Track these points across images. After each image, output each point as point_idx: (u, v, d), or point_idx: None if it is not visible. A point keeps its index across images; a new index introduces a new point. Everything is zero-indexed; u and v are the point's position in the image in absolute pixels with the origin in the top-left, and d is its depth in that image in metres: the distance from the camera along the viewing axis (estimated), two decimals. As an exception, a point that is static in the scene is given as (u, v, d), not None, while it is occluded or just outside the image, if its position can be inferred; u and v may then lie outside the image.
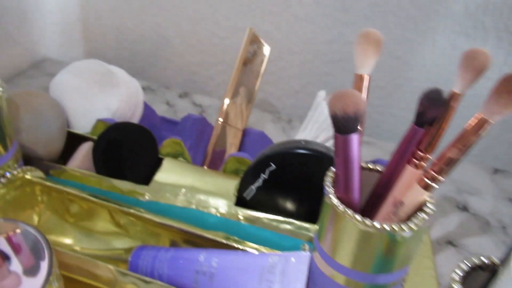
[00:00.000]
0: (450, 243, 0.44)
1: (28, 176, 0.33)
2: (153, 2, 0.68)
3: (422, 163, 0.24)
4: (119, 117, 0.43)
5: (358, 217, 0.22)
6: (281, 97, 0.70)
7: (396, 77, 0.65)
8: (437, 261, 0.40)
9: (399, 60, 0.63)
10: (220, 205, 0.34)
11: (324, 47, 0.65)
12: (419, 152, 0.24)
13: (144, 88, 0.65)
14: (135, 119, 0.45)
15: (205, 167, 0.42)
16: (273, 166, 0.33)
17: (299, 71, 0.68)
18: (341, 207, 0.23)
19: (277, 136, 0.57)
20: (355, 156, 0.22)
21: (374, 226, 0.22)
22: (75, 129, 0.43)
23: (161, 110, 0.60)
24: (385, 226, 0.22)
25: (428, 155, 0.24)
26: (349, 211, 0.22)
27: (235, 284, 0.27)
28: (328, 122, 0.38)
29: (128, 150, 0.35)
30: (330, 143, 0.40)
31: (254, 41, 0.45)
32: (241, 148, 0.44)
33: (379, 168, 0.26)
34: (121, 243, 0.33)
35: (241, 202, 0.35)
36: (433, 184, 0.23)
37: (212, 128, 0.47)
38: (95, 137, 0.40)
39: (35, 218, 0.35)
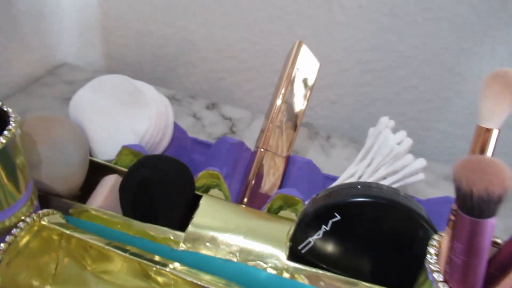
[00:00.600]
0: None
1: (45, 223, 0.27)
2: (178, 4, 0.62)
3: None
4: (147, 142, 0.37)
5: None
6: (315, 107, 0.64)
7: (445, 90, 0.58)
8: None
9: (451, 71, 0.56)
10: (271, 258, 0.29)
11: (365, 55, 0.58)
12: None
13: (168, 98, 0.59)
14: (165, 143, 0.39)
15: (245, 201, 0.36)
16: (338, 217, 0.27)
17: (336, 80, 0.61)
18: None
19: (316, 156, 0.51)
20: (487, 245, 0.16)
21: None
22: (97, 154, 0.37)
23: (187, 123, 0.54)
24: None
25: None
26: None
27: None
28: (393, 156, 0.32)
29: (161, 190, 0.30)
30: (391, 180, 0.34)
31: (302, 55, 0.39)
32: (285, 178, 0.38)
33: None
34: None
35: (294, 253, 0.29)
36: None
37: (249, 153, 0.41)
38: (120, 168, 0.34)
39: (52, 266, 0.29)
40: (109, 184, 0.32)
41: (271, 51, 0.62)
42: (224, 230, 0.30)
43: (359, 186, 0.28)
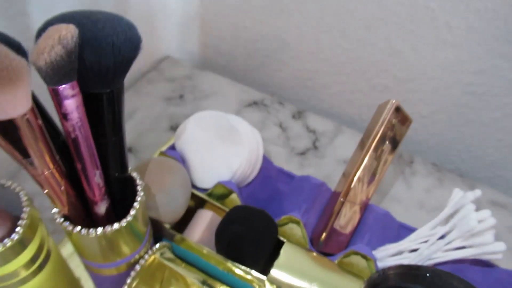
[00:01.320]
0: None
1: (158, 256, 0.35)
2: (275, 4, 0.63)
3: None
4: (239, 176, 0.42)
5: None
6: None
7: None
8: None
9: None
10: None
11: (468, 77, 0.56)
12: None
13: (257, 103, 0.63)
14: (254, 174, 0.44)
15: (323, 236, 0.41)
16: (403, 301, 0.31)
17: (430, 97, 0.60)
18: None
19: (396, 185, 0.53)
20: None
21: None
22: (195, 181, 0.43)
23: (273, 133, 0.58)
24: None
25: None
26: None
27: None
28: (470, 234, 0.33)
29: (249, 241, 0.35)
30: (465, 254, 0.36)
31: (396, 115, 0.40)
32: (359, 225, 0.42)
33: None
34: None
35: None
36: None
37: (329, 192, 0.45)
38: (213, 202, 0.40)
39: (157, 287, 0.37)
40: (205, 221, 0.39)
41: (364, 60, 0.62)
42: (299, 279, 0.35)
43: (427, 275, 0.31)
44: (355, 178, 0.41)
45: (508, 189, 0.60)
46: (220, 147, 0.42)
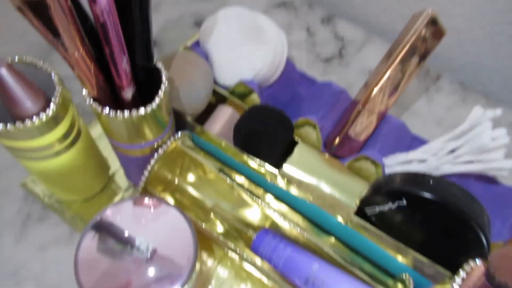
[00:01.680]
0: None
1: (179, 144, 0.38)
2: None
3: None
4: (261, 76, 0.43)
5: None
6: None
7: None
8: None
9: None
10: (342, 210, 0.37)
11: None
12: None
13: (285, 4, 0.61)
14: (276, 76, 0.45)
15: (336, 141, 0.43)
16: (404, 203, 0.33)
17: (471, 11, 0.57)
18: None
19: (418, 100, 0.53)
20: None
21: None
22: (217, 78, 0.45)
23: (300, 37, 0.57)
24: None
25: None
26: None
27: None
28: (481, 150, 0.35)
29: (265, 138, 0.38)
30: (472, 168, 0.38)
31: (429, 26, 0.39)
32: (374, 133, 0.43)
33: None
34: (251, 215, 0.39)
35: (361, 211, 0.37)
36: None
37: (349, 101, 0.46)
38: (233, 100, 0.42)
39: (177, 171, 0.41)
40: (225, 116, 0.41)
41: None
42: (309, 176, 0.38)
43: (431, 182, 0.33)
44: (376, 88, 0.42)
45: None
46: (244, 46, 0.43)
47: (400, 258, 0.36)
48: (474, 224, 0.31)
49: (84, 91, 0.32)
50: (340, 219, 0.36)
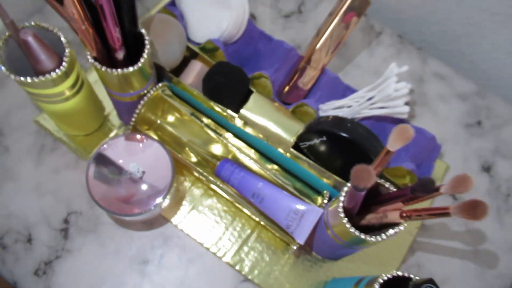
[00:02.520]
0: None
1: (160, 93, 0.50)
2: None
3: (404, 207, 0.38)
4: (227, 35, 0.55)
5: (348, 225, 0.39)
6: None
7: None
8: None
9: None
10: (282, 144, 0.51)
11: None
12: (407, 203, 0.38)
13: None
14: (239, 34, 0.57)
15: (286, 89, 0.56)
16: (324, 139, 0.48)
17: (414, -27, 0.67)
18: (342, 215, 0.39)
19: (361, 53, 0.66)
20: (359, 201, 0.37)
21: (356, 235, 0.39)
22: (189, 34, 0.56)
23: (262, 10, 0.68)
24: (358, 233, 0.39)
25: (409, 205, 0.38)
26: (346, 220, 0.39)
27: (272, 211, 0.47)
28: (390, 98, 0.49)
29: (227, 89, 0.50)
30: (381, 112, 0.51)
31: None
32: (315, 85, 0.56)
33: (390, 190, 0.41)
34: (215, 149, 0.53)
35: (297, 146, 0.51)
36: (402, 221, 0.38)
37: (298, 58, 0.58)
38: (203, 55, 0.54)
39: (159, 114, 0.54)
40: (196, 70, 0.53)
41: None
42: (261, 118, 0.52)
43: (348, 125, 0.47)
44: (318, 45, 0.54)
45: (462, 62, 0.72)
46: (213, 9, 0.54)
47: (324, 180, 0.51)
48: (371, 154, 0.46)
49: (87, 52, 0.44)
50: (281, 151, 0.51)
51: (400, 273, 0.39)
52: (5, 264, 0.49)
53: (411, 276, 0.38)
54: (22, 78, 0.42)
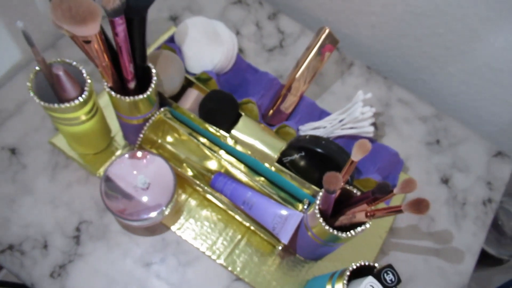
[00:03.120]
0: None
1: (162, 116, 0.60)
2: None
3: (369, 208, 0.48)
4: (219, 67, 0.66)
5: (323, 223, 0.49)
6: (358, 25, 0.84)
7: (464, 43, 0.76)
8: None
9: (474, 32, 0.73)
10: (267, 159, 0.61)
11: (412, 1, 0.75)
12: (371, 204, 0.48)
13: (241, 1, 0.82)
14: (229, 66, 0.67)
15: (270, 113, 0.66)
16: (303, 154, 0.58)
17: (380, 11, 0.80)
18: (319, 215, 0.49)
19: (335, 83, 0.77)
20: (332, 203, 0.47)
21: (331, 233, 0.49)
22: (187, 68, 0.67)
23: (250, 31, 0.79)
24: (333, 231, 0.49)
25: (372, 207, 0.48)
26: (321, 219, 0.49)
27: (260, 216, 0.57)
28: (357, 120, 0.59)
29: (219, 114, 0.61)
30: (350, 132, 0.62)
31: (326, 38, 0.62)
32: (295, 109, 0.67)
33: (356, 193, 0.51)
34: (210, 164, 0.63)
35: (280, 160, 0.61)
36: (367, 219, 0.48)
37: (279, 85, 0.69)
38: (199, 84, 0.64)
39: (160, 134, 0.63)
40: (193, 97, 0.63)
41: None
42: (249, 137, 0.62)
43: (323, 142, 0.57)
44: (297, 75, 0.65)
45: (423, 89, 0.84)
46: (207, 45, 0.64)
47: (304, 190, 0.60)
48: (342, 166, 0.56)
49: (105, 83, 0.53)
50: (267, 165, 0.61)
51: (365, 263, 0.48)
52: (24, 268, 0.57)
53: (375, 264, 0.48)
54: (50, 105, 0.51)
